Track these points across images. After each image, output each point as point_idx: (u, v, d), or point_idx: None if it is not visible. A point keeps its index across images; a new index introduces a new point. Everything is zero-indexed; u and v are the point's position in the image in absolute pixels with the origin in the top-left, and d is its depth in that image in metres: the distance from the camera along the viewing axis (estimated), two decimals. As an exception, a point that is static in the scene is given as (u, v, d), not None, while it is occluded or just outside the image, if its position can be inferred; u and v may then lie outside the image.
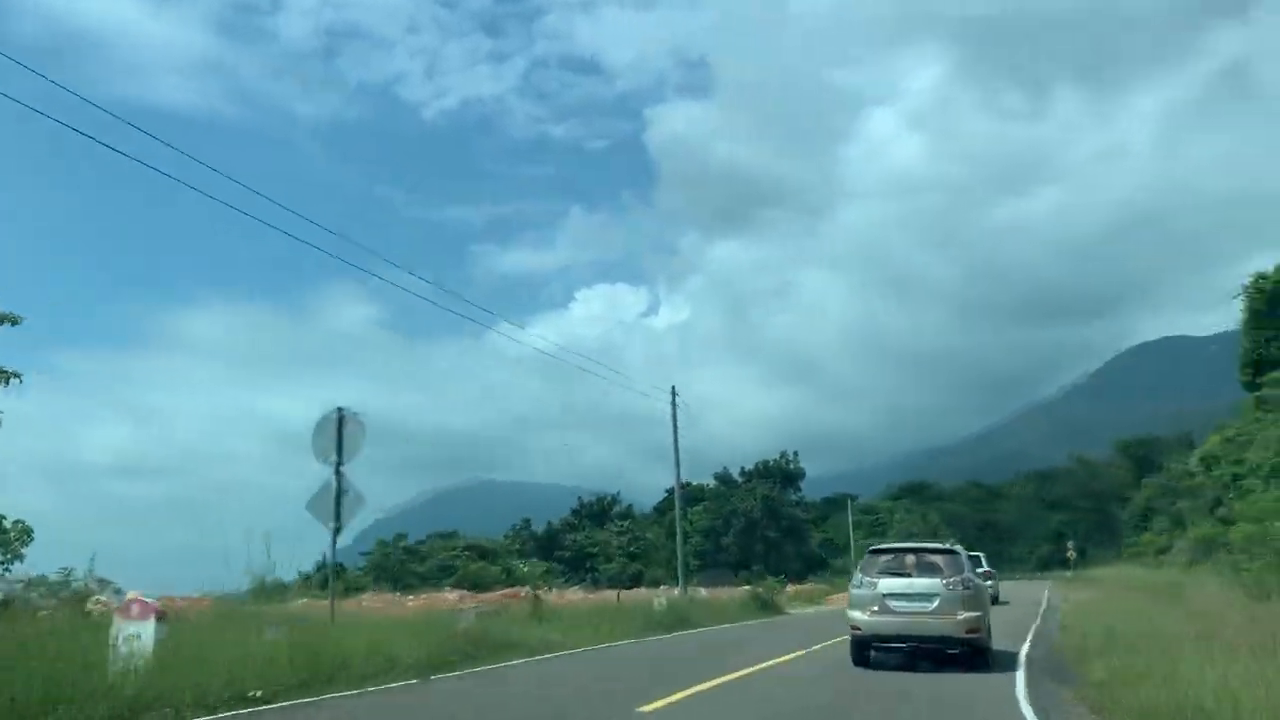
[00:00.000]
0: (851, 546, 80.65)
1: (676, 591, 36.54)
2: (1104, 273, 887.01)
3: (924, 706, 10.55)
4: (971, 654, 13.43)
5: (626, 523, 79.60)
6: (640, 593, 38.76)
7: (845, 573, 73.49)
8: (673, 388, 37.39)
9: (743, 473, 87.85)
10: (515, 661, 15.04)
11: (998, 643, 15.46)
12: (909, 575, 13.75)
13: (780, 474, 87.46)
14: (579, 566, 74.76)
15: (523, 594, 27.96)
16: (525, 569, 37.17)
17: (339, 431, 14.43)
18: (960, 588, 13.41)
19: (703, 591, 42.71)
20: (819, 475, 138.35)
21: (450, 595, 30.79)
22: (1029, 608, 32.59)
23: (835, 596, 53.03)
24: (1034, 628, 22.47)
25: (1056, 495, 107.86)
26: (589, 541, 77.08)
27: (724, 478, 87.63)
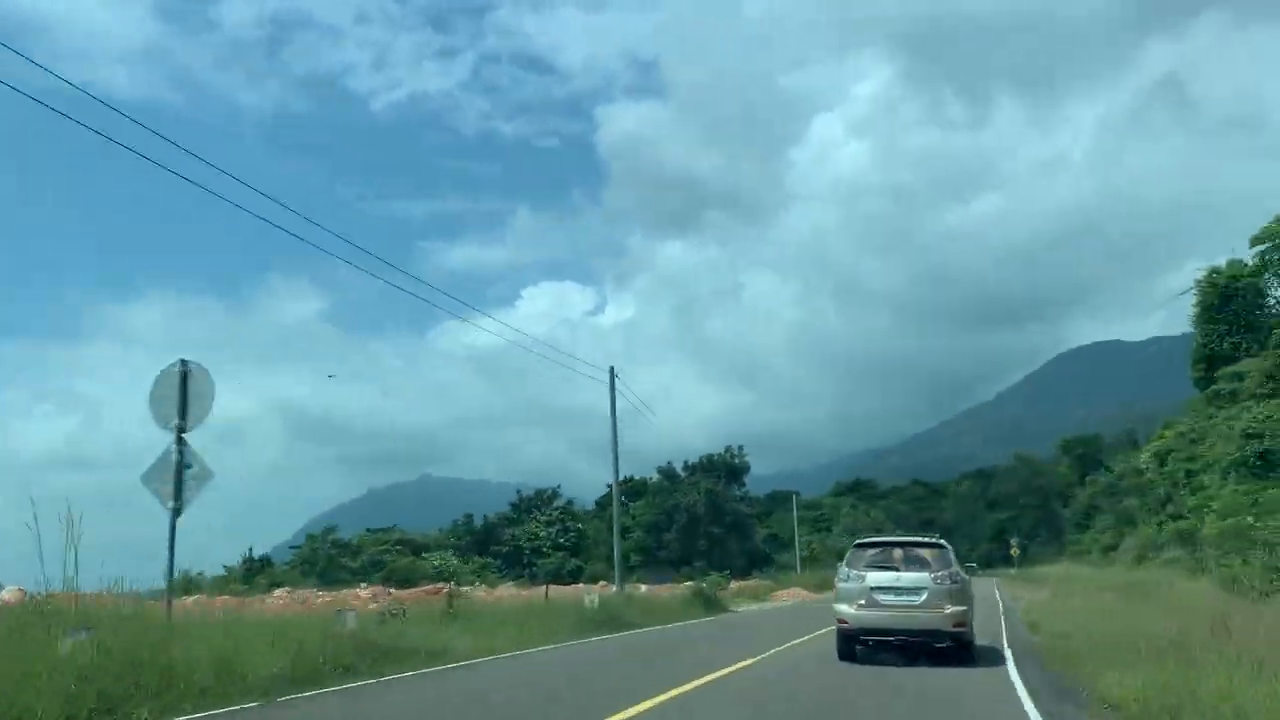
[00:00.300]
0: (796, 542, 79.22)
1: (613, 588, 34.21)
2: (1043, 279, 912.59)
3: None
4: (957, 648, 13.20)
5: (557, 512, 76.67)
6: (577, 589, 36.41)
7: (790, 568, 72.12)
8: (611, 368, 35.15)
9: (686, 467, 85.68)
10: (401, 675, 12.22)
11: (980, 641, 14.71)
12: (897, 569, 13.51)
13: (725, 468, 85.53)
14: (516, 561, 72.04)
15: (446, 590, 25.36)
16: (438, 562, 34.30)
17: (181, 388, 11.55)
18: (948, 581, 13.17)
19: (642, 588, 40.68)
20: (765, 474, 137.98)
21: (363, 592, 27.88)
22: (987, 605, 31.22)
23: (781, 593, 51.24)
24: (1003, 626, 21.16)
25: (998, 494, 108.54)
26: (525, 535, 74.32)
27: (667, 472, 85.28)
